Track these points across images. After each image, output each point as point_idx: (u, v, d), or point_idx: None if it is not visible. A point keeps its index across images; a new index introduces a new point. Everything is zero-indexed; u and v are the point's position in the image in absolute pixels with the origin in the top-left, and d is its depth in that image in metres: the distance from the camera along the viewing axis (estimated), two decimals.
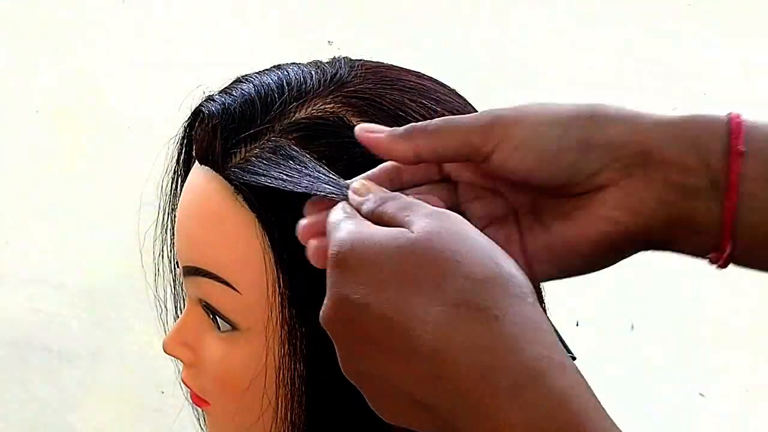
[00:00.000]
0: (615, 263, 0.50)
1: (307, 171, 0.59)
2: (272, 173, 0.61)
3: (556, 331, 0.71)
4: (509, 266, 0.46)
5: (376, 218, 0.50)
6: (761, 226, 0.46)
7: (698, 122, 0.47)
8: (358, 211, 0.51)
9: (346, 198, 0.54)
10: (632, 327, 1.84)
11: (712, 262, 0.48)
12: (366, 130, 0.54)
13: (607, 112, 0.49)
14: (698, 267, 0.49)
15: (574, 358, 0.72)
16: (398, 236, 0.47)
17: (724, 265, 0.47)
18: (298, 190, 0.58)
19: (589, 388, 0.45)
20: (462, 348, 0.44)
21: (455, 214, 0.49)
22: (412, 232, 0.47)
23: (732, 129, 0.46)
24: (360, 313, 0.46)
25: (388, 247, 0.46)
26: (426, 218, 0.47)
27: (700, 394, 1.81)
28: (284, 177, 0.60)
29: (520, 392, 0.43)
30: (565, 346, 0.72)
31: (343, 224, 0.49)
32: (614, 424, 0.44)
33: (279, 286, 0.61)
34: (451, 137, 0.51)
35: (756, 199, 0.45)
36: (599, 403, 0.45)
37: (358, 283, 0.46)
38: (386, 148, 0.53)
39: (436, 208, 0.49)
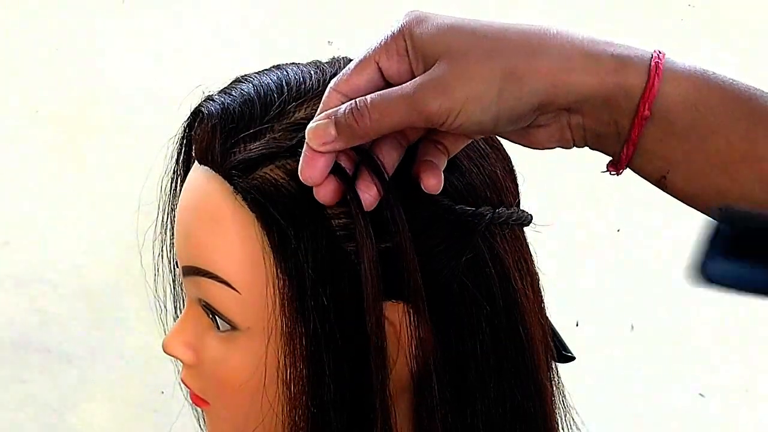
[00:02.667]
0: None
1: None
2: None
3: (556, 331, 0.71)
4: None
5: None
6: (648, 168, 0.57)
7: (620, 85, 0.55)
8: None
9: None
10: (632, 327, 1.84)
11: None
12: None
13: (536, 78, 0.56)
14: None
15: (573, 358, 0.72)
16: None
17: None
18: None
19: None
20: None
21: None
22: None
23: (644, 94, 0.55)
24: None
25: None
26: None
27: (700, 394, 1.81)
28: None
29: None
30: (565, 346, 0.72)
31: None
32: None
33: (278, 286, 0.61)
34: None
35: (648, 152, 0.56)
36: None
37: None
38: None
39: None
